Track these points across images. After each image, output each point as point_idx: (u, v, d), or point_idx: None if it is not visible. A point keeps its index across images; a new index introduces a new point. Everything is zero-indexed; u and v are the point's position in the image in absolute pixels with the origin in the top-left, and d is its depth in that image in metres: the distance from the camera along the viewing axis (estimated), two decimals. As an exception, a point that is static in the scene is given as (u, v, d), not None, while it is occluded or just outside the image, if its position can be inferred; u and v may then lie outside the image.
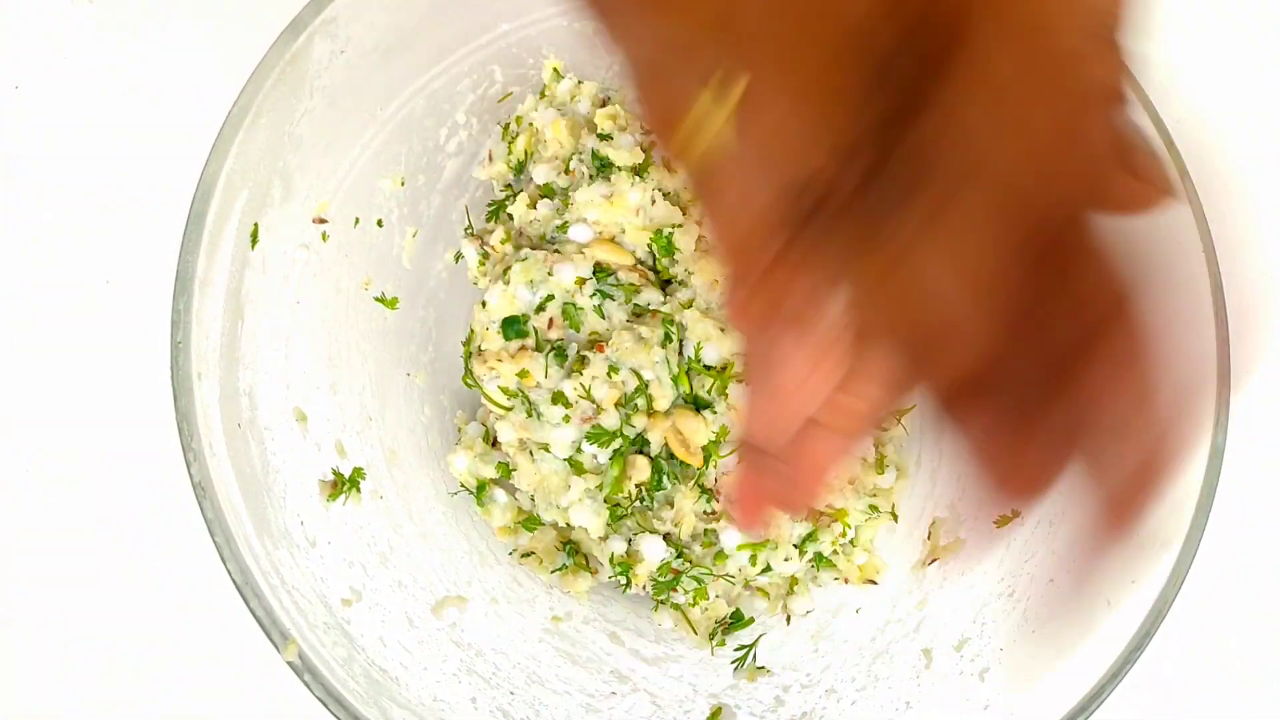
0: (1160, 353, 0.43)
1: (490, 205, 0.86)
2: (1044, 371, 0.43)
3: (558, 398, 0.79)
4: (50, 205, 0.89)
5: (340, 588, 0.72)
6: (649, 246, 0.81)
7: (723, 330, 0.78)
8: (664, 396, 0.80)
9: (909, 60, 0.38)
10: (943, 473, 0.84)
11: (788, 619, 0.84)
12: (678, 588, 0.82)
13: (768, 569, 0.81)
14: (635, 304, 0.80)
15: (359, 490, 0.77)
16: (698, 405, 0.80)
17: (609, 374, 0.79)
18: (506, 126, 0.84)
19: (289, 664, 0.66)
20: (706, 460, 0.80)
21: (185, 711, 0.84)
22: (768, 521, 0.52)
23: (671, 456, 0.81)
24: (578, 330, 0.81)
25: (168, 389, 0.66)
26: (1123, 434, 0.45)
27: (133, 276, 0.88)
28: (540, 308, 0.81)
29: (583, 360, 0.80)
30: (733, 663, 0.81)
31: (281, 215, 0.72)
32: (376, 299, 0.81)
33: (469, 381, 0.83)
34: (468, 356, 0.83)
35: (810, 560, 0.83)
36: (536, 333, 0.81)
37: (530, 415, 0.80)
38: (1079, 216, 0.41)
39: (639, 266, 0.81)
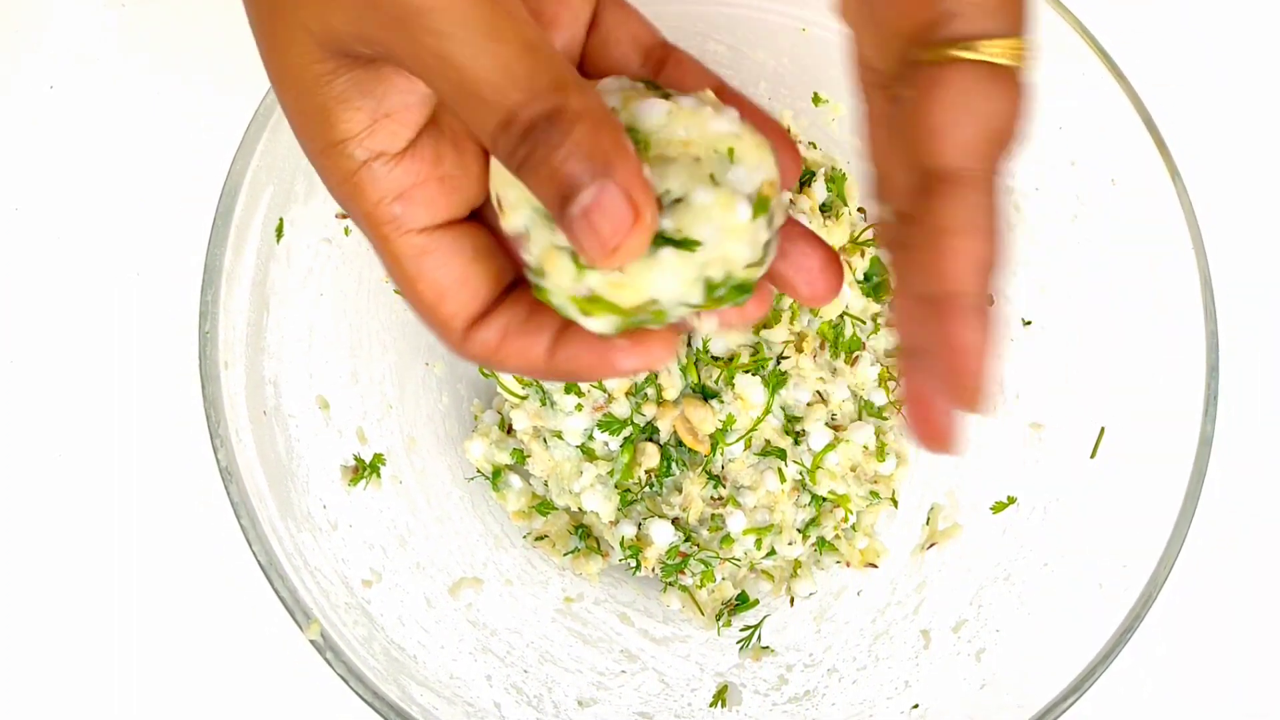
0: None
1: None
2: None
3: (570, 387, 0.80)
4: (83, 200, 0.90)
5: (361, 569, 0.73)
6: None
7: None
8: (673, 386, 0.80)
9: None
10: (942, 460, 0.84)
11: (791, 601, 0.84)
12: (685, 570, 0.83)
13: (772, 553, 0.82)
14: (646, 297, 0.81)
15: (379, 475, 0.78)
16: (705, 395, 0.81)
17: (620, 364, 0.80)
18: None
19: (311, 642, 0.66)
20: (713, 448, 0.80)
21: (210, 688, 0.85)
22: (950, 431, 0.47)
23: (680, 444, 0.81)
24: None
25: (196, 377, 0.67)
26: None
27: (162, 269, 0.89)
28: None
29: (594, 351, 0.81)
30: (738, 643, 0.82)
31: (305, 210, 0.72)
32: (396, 291, 0.81)
33: (485, 371, 0.84)
34: (484, 347, 0.84)
35: (813, 544, 0.84)
36: (551, 324, 0.82)
37: (544, 404, 0.81)
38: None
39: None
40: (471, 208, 0.49)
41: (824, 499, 0.83)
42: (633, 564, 0.83)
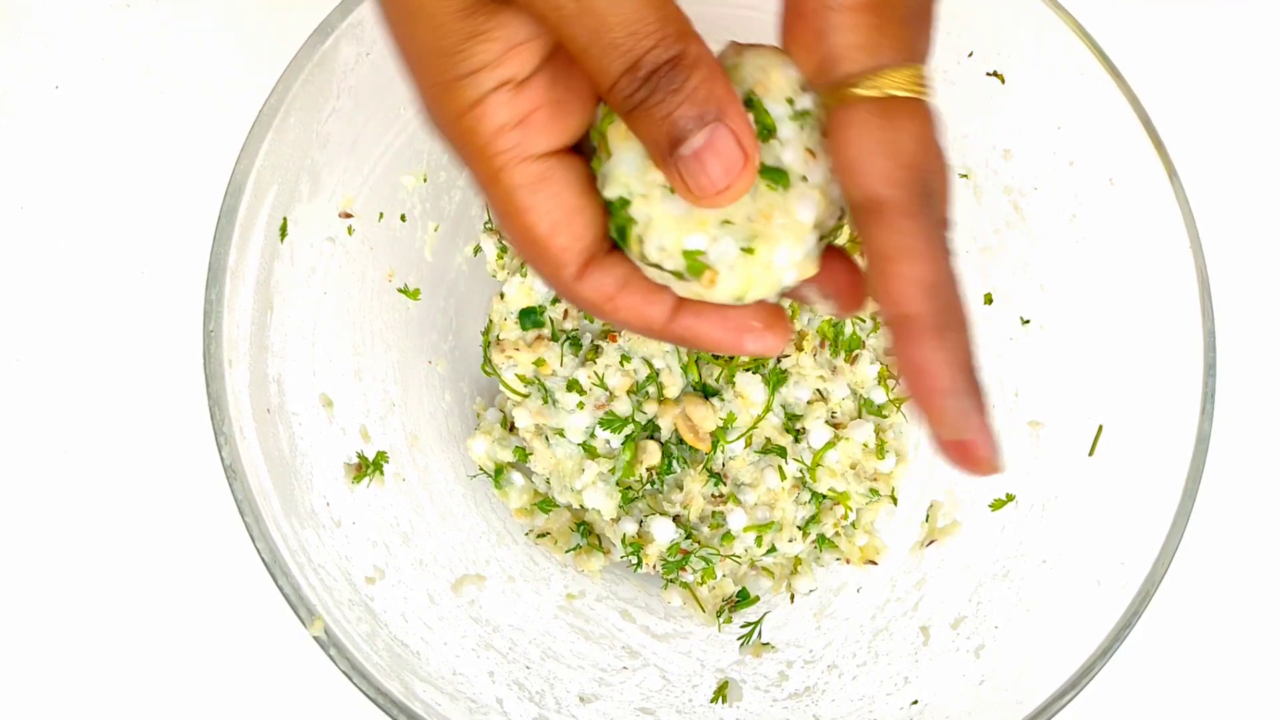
0: None
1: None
2: None
3: (572, 385, 0.80)
4: (89, 199, 0.90)
5: (364, 566, 0.73)
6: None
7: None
8: (674, 384, 0.80)
9: None
10: (940, 458, 0.85)
11: (791, 598, 0.85)
12: (686, 567, 0.83)
13: (773, 550, 0.82)
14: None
15: (382, 473, 0.78)
16: (706, 393, 0.81)
17: (621, 363, 0.80)
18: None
19: (315, 639, 0.66)
20: (714, 445, 0.81)
21: (214, 684, 0.86)
22: (980, 451, 0.48)
23: (681, 442, 0.82)
24: (591, 321, 0.82)
25: (200, 375, 0.67)
26: None
27: (167, 268, 0.89)
28: (556, 299, 0.82)
29: (596, 349, 0.81)
30: (739, 639, 0.82)
31: (309, 210, 0.73)
32: (399, 290, 0.82)
33: (488, 369, 0.84)
34: (486, 345, 0.84)
35: (813, 541, 0.84)
36: (552, 323, 0.82)
37: (546, 402, 0.81)
38: None
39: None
40: (577, 137, 0.50)
41: (824, 496, 0.83)
42: (634, 561, 0.83)
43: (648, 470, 0.82)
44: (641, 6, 0.44)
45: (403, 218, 0.81)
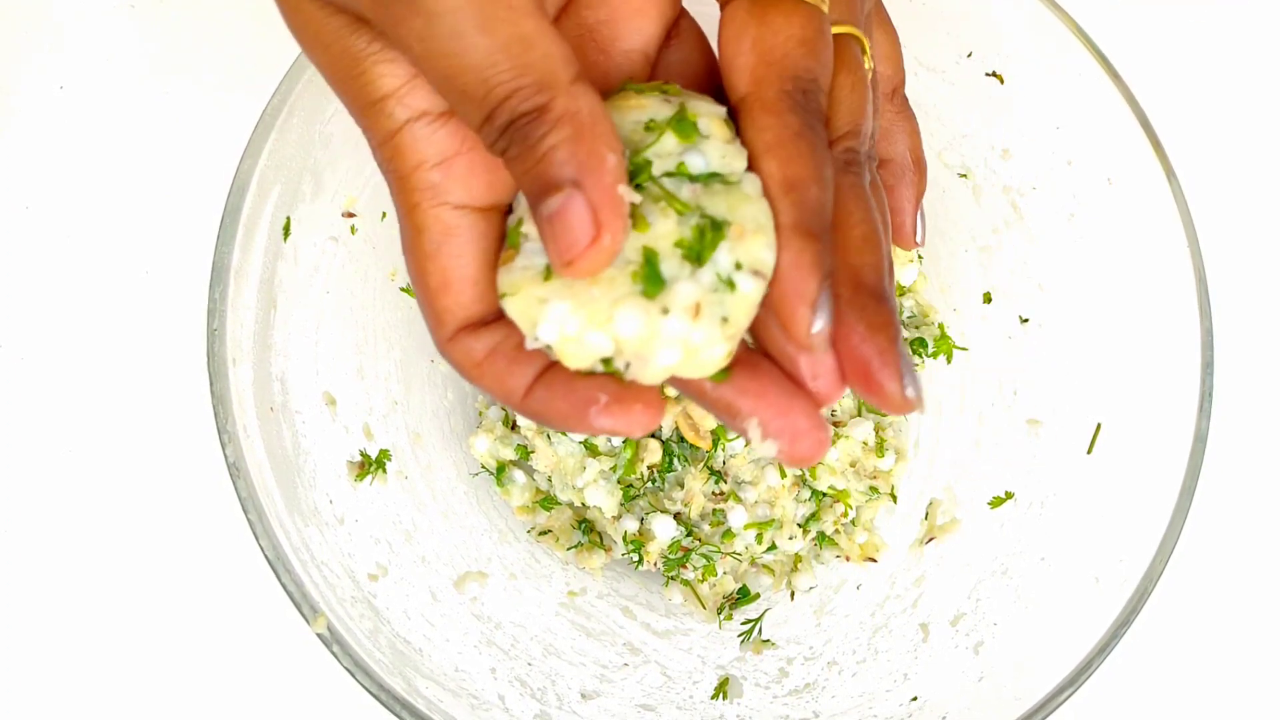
0: None
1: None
2: None
3: None
4: (93, 199, 0.90)
5: (367, 563, 0.73)
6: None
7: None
8: (675, 383, 0.81)
9: None
10: (940, 456, 0.85)
11: (792, 595, 0.85)
12: (687, 565, 0.83)
13: (773, 547, 0.83)
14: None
15: (385, 471, 0.78)
16: (707, 391, 0.82)
17: (623, 361, 0.81)
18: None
19: (318, 636, 0.66)
20: (715, 443, 0.81)
21: (218, 681, 0.86)
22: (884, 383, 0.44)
23: (682, 440, 0.82)
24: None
25: (204, 374, 0.67)
26: None
27: (171, 267, 0.89)
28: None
29: (598, 348, 0.81)
30: (739, 636, 0.82)
31: (312, 209, 0.73)
32: (402, 289, 0.82)
33: None
34: (489, 344, 0.84)
35: (813, 539, 0.85)
36: (555, 322, 0.82)
37: (548, 400, 0.82)
38: None
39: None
40: (503, 198, 0.47)
41: (824, 494, 0.83)
42: (635, 558, 0.84)
43: (649, 468, 0.82)
44: (493, 51, 0.40)
45: (405, 217, 0.81)
